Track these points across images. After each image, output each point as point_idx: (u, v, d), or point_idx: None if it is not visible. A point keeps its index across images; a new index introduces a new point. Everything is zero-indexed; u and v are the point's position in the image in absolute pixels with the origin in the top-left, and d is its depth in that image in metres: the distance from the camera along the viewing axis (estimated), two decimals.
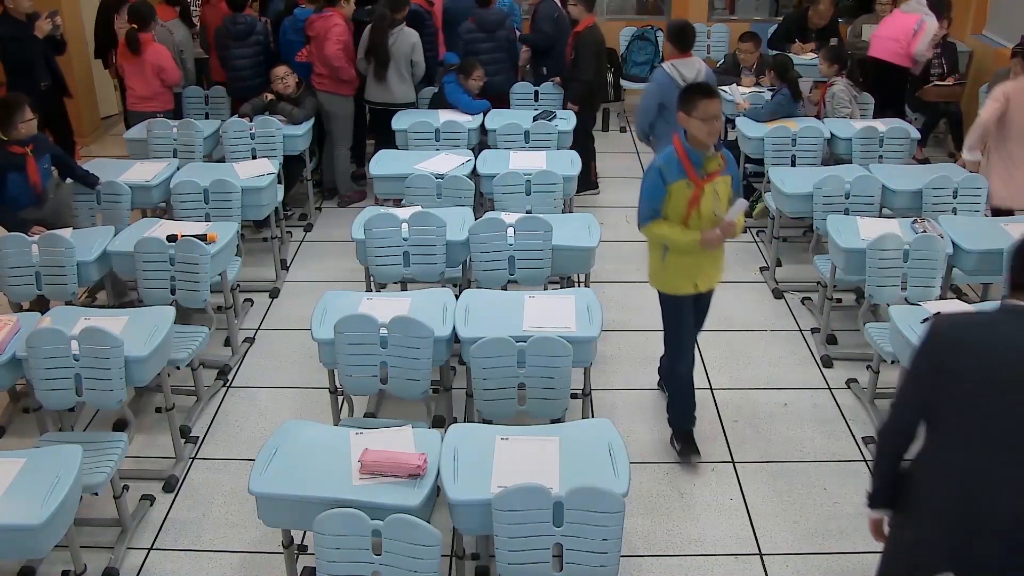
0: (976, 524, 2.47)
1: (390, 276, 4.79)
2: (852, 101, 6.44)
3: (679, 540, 3.76)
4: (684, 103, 3.79)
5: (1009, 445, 2.43)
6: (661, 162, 3.84)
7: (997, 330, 2.48)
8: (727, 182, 3.90)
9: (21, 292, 4.63)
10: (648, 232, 3.93)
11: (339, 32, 6.37)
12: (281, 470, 3.12)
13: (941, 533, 2.54)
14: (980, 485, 2.46)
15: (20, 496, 3.05)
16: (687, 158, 3.79)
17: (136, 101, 6.45)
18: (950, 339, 2.51)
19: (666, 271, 4.01)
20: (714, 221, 3.82)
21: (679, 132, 3.86)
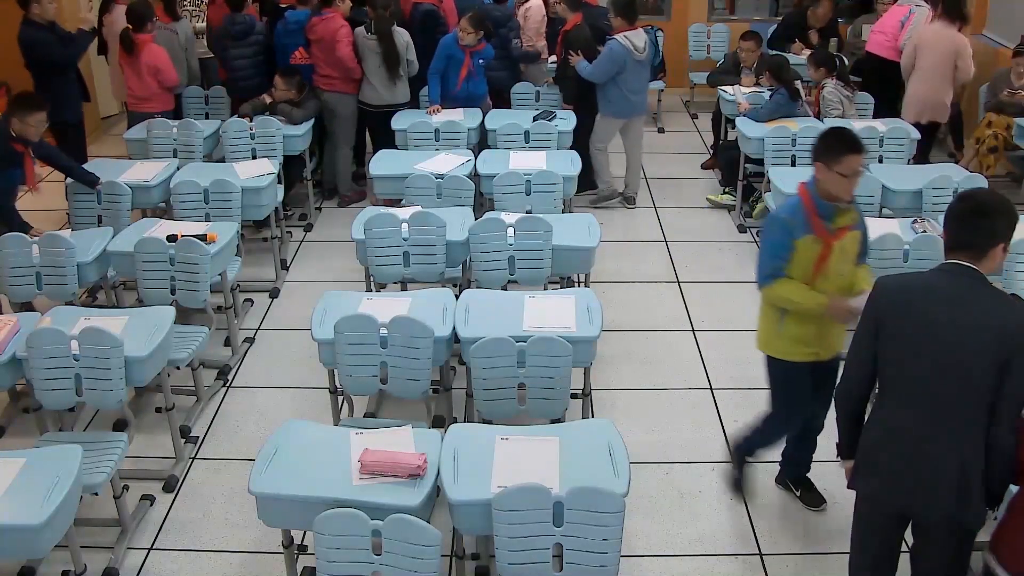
0: (923, 476, 2.68)
1: (390, 276, 4.79)
2: (842, 102, 6.44)
3: (679, 540, 3.76)
4: (826, 154, 3.28)
5: (948, 399, 2.62)
6: (786, 214, 3.40)
7: (935, 289, 2.66)
8: (856, 238, 3.45)
9: (21, 292, 4.63)
10: (770, 294, 3.47)
11: (346, 33, 6.38)
12: (281, 470, 3.12)
13: (892, 486, 2.76)
14: (924, 439, 2.67)
15: (20, 496, 3.05)
16: (816, 211, 3.33)
17: (135, 102, 6.46)
18: (891, 299, 2.73)
19: (782, 337, 3.54)
20: (841, 283, 3.40)
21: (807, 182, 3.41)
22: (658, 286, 5.77)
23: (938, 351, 2.61)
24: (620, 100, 6.43)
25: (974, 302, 2.60)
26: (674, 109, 9.02)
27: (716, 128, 7.59)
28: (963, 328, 2.58)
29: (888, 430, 2.75)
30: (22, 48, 6.02)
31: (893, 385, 2.75)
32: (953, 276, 2.65)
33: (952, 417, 2.64)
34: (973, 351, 2.57)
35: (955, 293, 2.62)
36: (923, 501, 2.72)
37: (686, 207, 6.88)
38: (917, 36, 6.58)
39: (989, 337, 2.55)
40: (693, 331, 5.26)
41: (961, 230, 2.66)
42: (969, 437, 2.63)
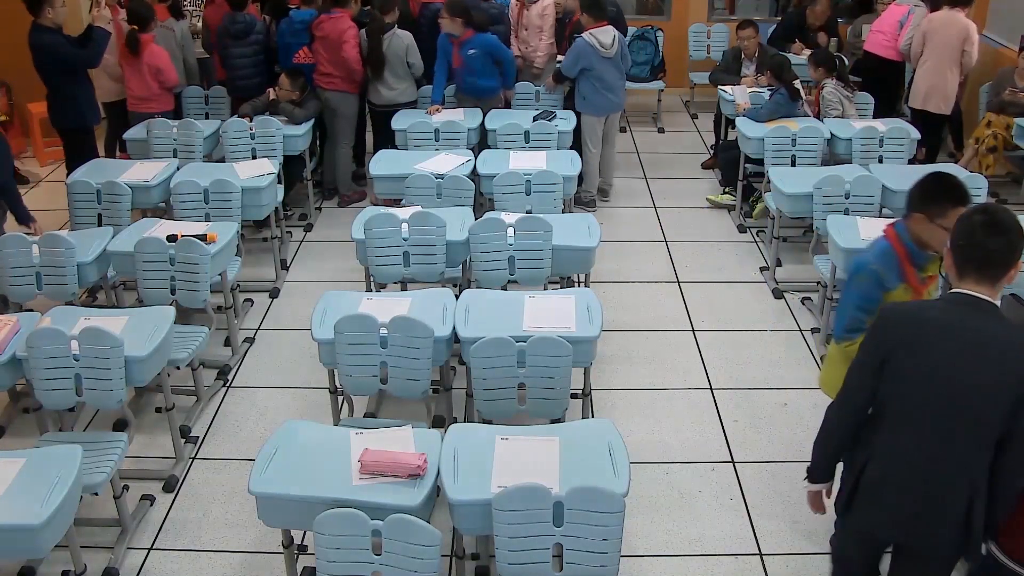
0: (931, 511, 2.58)
1: (390, 276, 4.79)
2: (842, 102, 6.45)
3: (679, 540, 3.76)
4: (929, 205, 3.04)
5: (958, 436, 2.51)
6: (878, 263, 3.14)
7: (946, 325, 2.51)
8: (938, 285, 3.31)
9: (21, 292, 4.63)
10: (850, 350, 3.04)
11: (354, 34, 6.39)
12: (281, 470, 3.12)
13: (897, 520, 2.65)
14: (933, 475, 2.56)
15: (20, 496, 3.05)
16: (909, 260, 3.14)
17: (135, 102, 6.46)
18: (899, 333, 2.57)
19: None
20: None
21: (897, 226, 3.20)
22: (658, 286, 5.77)
23: (949, 390, 2.48)
24: (594, 96, 6.51)
25: (986, 337, 2.46)
26: (674, 109, 9.03)
27: (716, 128, 7.60)
28: (976, 367, 2.44)
29: (894, 465, 2.61)
30: (35, 52, 5.97)
31: (898, 419, 2.60)
32: (966, 309, 2.49)
33: (960, 453, 2.52)
34: (986, 390, 2.44)
35: (968, 328, 2.48)
36: (927, 535, 2.61)
37: (686, 207, 6.88)
38: (924, 24, 6.73)
39: (1004, 375, 2.42)
40: (693, 331, 5.26)
41: (984, 251, 2.47)
42: (977, 473, 2.53)
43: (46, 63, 6.00)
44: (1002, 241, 2.46)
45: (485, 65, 6.52)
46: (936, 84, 6.74)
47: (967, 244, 2.49)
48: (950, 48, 6.62)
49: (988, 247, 2.46)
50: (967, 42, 6.59)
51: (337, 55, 6.38)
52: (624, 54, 6.61)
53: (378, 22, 6.43)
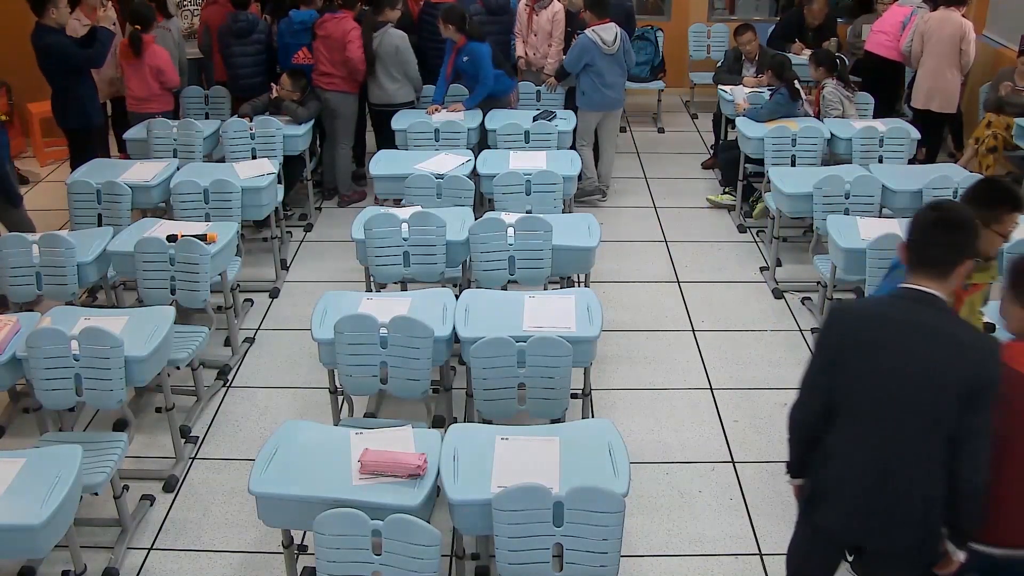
0: (886, 510, 2.56)
1: (390, 276, 4.79)
2: (842, 102, 6.45)
3: (679, 540, 3.76)
4: (982, 210, 2.93)
5: (909, 435, 2.49)
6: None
7: (895, 321, 2.51)
8: (983, 295, 3.25)
9: (21, 292, 4.63)
10: None
11: (357, 35, 6.39)
12: (281, 470, 3.12)
13: (854, 520, 2.62)
14: (887, 474, 2.54)
15: (20, 496, 3.05)
16: None
17: (134, 102, 6.46)
18: (847, 332, 2.58)
19: None
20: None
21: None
22: (658, 286, 5.77)
23: (898, 386, 2.48)
24: (593, 92, 6.53)
25: (936, 336, 2.46)
26: (674, 109, 9.03)
27: (716, 128, 7.60)
28: (924, 363, 2.44)
29: (849, 464, 2.61)
30: (39, 53, 5.97)
31: (852, 417, 2.60)
32: (915, 305, 2.50)
33: (913, 452, 2.50)
34: (934, 387, 2.43)
35: (915, 323, 2.48)
36: (885, 535, 2.60)
37: (686, 207, 6.88)
38: (922, 25, 6.78)
39: (951, 373, 2.42)
40: (693, 331, 5.26)
41: (930, 246, 2.50)
42: (931, 472, 2.50)
43: (50, 63, 6.00)
44: (949, 239, 2.48)
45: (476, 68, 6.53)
46: (937, 84, 6.77)
47: (917, 241, 2.52)
48: (948, 48, 6.65)
49: (936, 244, 2.49)
50: (964, 41, 6.62)
51: (340, 55, 6.39)
52: (627, 51, 6.62)
53: (370, 19, 6.46)
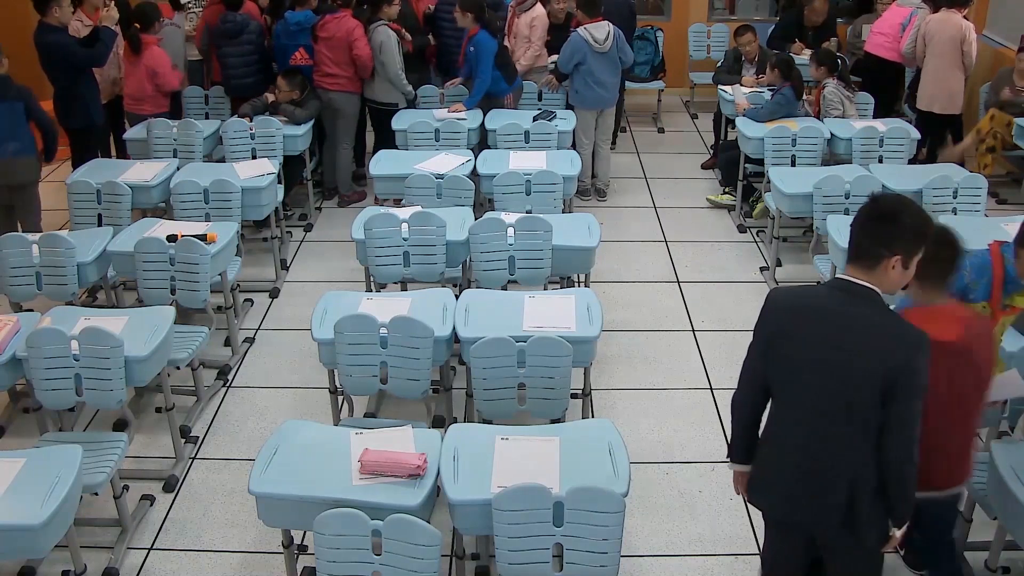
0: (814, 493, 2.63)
1: (390, 276, 4.79)
2: (843, 102, 6.45)
3: (679, 540, 3.76)
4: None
5: (836, 420, 2.54)
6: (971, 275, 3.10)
7: (824, 309, 2.56)
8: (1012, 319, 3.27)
9: (21, 292, 4.63)
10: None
11: (361, 32, 6.41)
12: (281, 470, 3.12)
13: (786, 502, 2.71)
14: (814, 457, 2.60)
15: (20, 496, 3.05)
16: (1002, 284, 3.12)
17: (131, 102, 6.46)
18: (780, 317, 2.65)
19: None
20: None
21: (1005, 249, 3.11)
22: (658, 286, 5.77)
23: (824, 373, 2.53)
24: (586, 90, 6.56)
25: (861, 324, 2.49)
26: (674, 109, 9.03)
27: (716, 128, 7.59)
28: (848, 351, 2.48)
29: (780, 447, 2.69)
30: (42, 51, 5.98)
31: (782, 402, 2.68)
32: (843, 294, 2.54)
33: (840, 436, 2.56)
34: (858, 374, 2.47)
35: (843, 313, 2.51)
36: (815, 517, 2.67)
37: (686, 207, 6.88)
38: (923, 27, 6.79)
39: (874, 361, 2.45)
40: (693, 331, 5.27)
41: (859, 235, 2.54)
42: (858, 456, 2.55)
43: (53, 62, 6.01)
44: (878, 230, 2.49)
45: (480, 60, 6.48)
46: (940, 86, 6.77)
47: (852, 230, 2.55)
48: (950, 49, 6.66)
49: (865, 234, 2.51)
50: (965, 42, 6.62)
51: (346, 55, 6.41)
52: (622, 48, 6.60)
53: (363, 16, 6.49)
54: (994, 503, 3.18)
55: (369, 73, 6.52)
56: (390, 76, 6.52)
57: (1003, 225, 4.85)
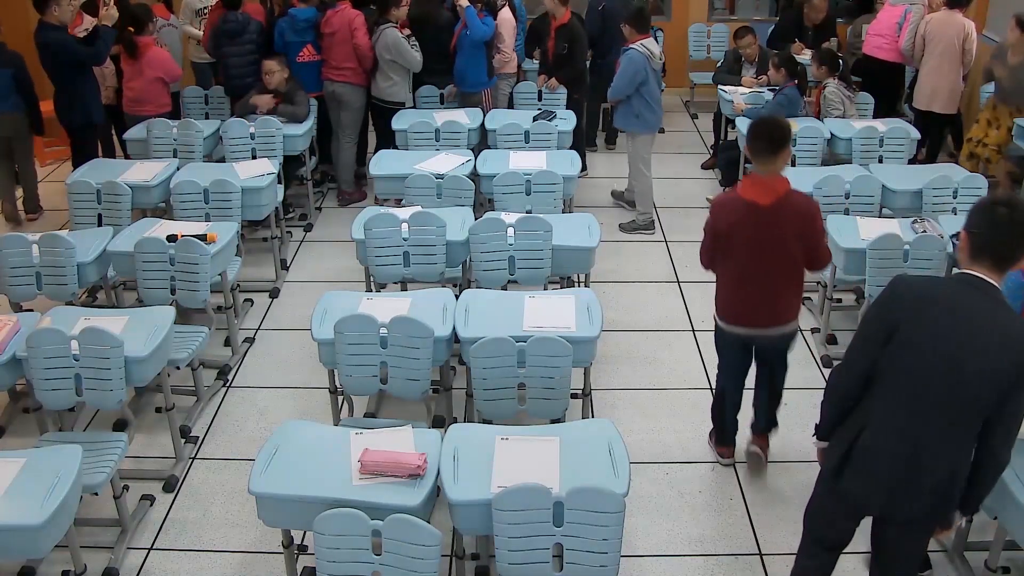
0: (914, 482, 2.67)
1: (390, 276, 4.79)
2: (843, 103, 6.46)
3: (679, 540, 3.76)
4: None
5: (951, 413, 2.59)
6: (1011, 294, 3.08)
7: (954, 302, 2.59)
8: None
9: (21, 292, 4.63)
10: None
11: (362, 22, 6.46)
12: (281, 470, 3.12)
13: (881, 488, 2.73)
14: (923, 448, 2.64)
15: (20, 496, 3.05)
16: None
17: (132, 104, 6.44)
18: (911, 305, 2.64)
19: None
20: None
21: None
22: (658, 286, 5.77)
23: (948, 366, 2.56)
24: (649, 113, 6.20)
25: (990, 321, 2.54)
26: (674, 109, 9.02)
27: (716, 128, 7.60)
28: (976, 350, 2.52)
29: (886, 434, 2.70)
30: (42, 50, 6.00)
31: (895, 389, 2.68)
32: (975, 292, 2.57)
33: (950, 429, 2.62)
34: (983, 374, 2.52)
35: (973, 311, 2.55)
36: (908, 504, 2.72)
37: (686, 207, 6.88)
38: (923, 27, 6.86)
39: (1001, 359, 2.50)
40: (693, 331, 5.27)
41: (1001, 239, 2.55)
42: (964, 449, 2.64)
43: (53, 61, 6.02)
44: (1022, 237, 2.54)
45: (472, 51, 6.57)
46: (940, 85, 6.80)
47: (991, 235, 2.56)
48: (951, 48, 6.69)
49: (1010, 242, 2.54)
50: (967, 40, 6.66)
51: (349, 47, 6.44)
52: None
53: (372, 16, 6.53)
54: (994, 503, 3.19)
55: (370, 63, 6.55)
56: (414, 70, 6.59)
57: None
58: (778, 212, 3.57)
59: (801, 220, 3.60)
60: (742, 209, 3.62)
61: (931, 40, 6.77)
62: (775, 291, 3.72)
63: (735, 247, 3.68)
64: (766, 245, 3.62)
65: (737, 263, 3.71)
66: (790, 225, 3.59)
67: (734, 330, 3.85)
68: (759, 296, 3.72)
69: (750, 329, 3.82)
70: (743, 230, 3.63)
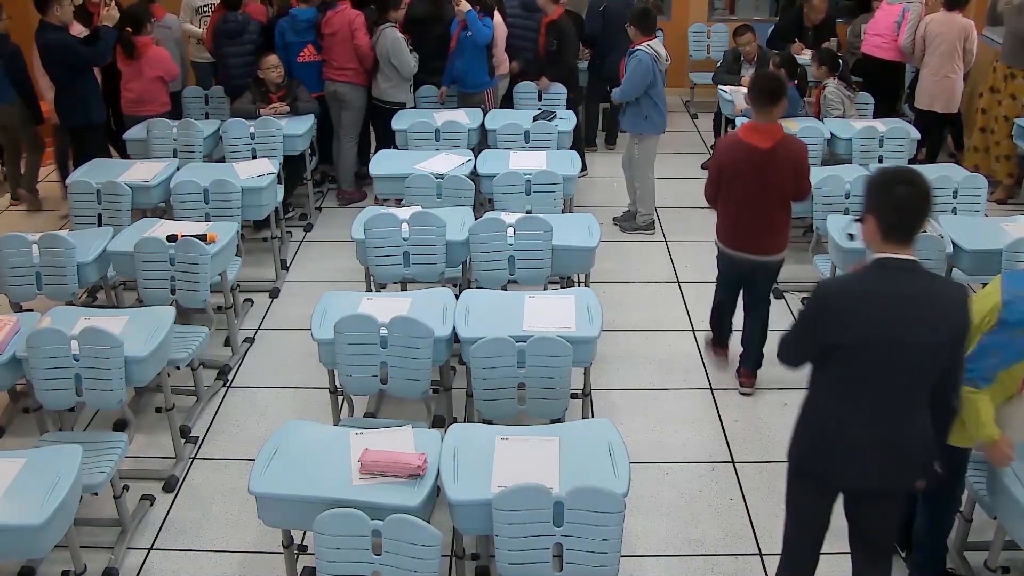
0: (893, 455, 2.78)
1: (390, 276, 4.79)
2: (843, 103, 6.46)
3: (679, 540, 3.76)
4: None
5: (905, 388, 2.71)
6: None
7: (876, 290, 2.68)
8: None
9: (21, 292, 4.63)
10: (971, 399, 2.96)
11: (362, 21, 6.47)
12: (281, 470, 3.12)
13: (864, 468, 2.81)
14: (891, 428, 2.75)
15: (20, 496, 3.05)
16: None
17: (131, 105, 6.44)
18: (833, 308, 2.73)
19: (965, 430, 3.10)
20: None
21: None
22: (658, 286, 5.77)
23: (896, 352, 2.65)
24: (657, 114, 6.18)
25: (923, 298, 2.64)
26: (674, 109, 8.99)
27: (716, 128, 7.59)
28: (915, 325, 2.62)
29: (858, 424, 2.77)
30: (43, 51, 6.01)
31: (854, 386, 2.76)
32: (896, 273, 2.66)
33: (911, 402, 2.73)
34: (926, 345, 2.64)
35: (904, 292, 2.64)
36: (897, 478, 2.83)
37: (686, 207, 6.88)
38: (923, 28, 6.88)
39: (937, 332, 2.63)
40: (693, 331, 5.27)
41: (908, 217, 2.64)
42: (925, 417, 2.77)
43: (54, 61, 6.03)
44: (926, 208, 2.65)
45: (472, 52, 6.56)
46: (941, 85, 6.82)
47: (898, 216, 2.64)
48: (951, 48, 6.71)
49: (918, 217, 2.64)
50: (968, 40, 6.69)
51: (349, 47, 6.45)
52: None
53: (372, 17, 6.53)
54: (994, 503, 3.20)
55: (370, 63, 6.55)
56: (405, 77, 6.59)
57: (1003, 225, 4.85)
58: (776, 153, 4.23)
59: (795, 158, 4.30)
60: (745, 151, 4.25)
61: (932, 40, 6.78)
62: (769, 221, 4.36)
63: (738, 183, 4.30)
64: (765, 181, 4.26)
65: (739, 197, 4.32)
66: (786, 164, 4.26)
67: (735, 254, 4.47)
68: (757, 225, 4.36)
69: (748, 255, 4.43)
70: (746, 169, 4.26)
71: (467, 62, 6.61)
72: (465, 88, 6.74)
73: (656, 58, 6.04)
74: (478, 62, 6.62)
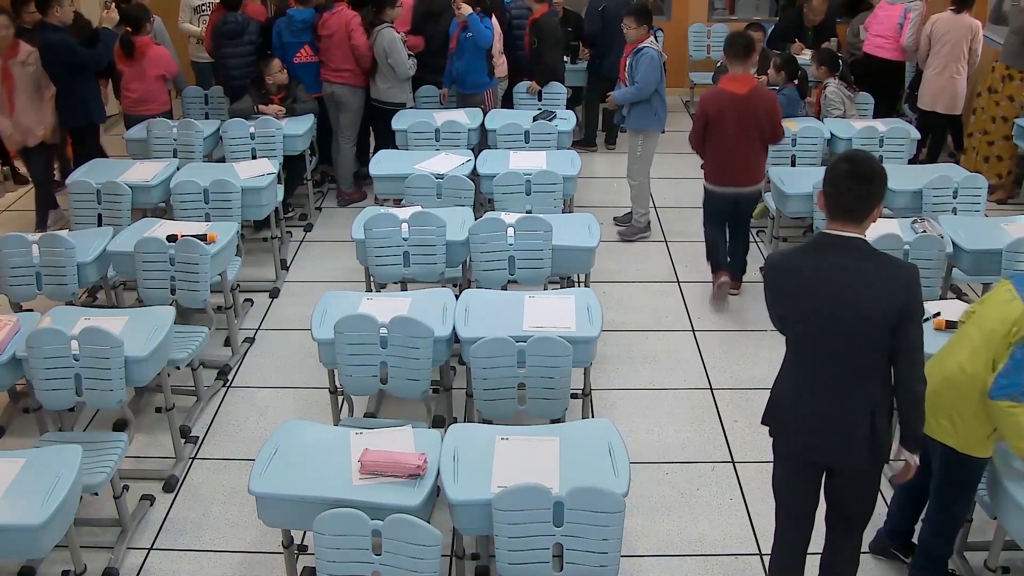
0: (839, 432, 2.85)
1: (390, 276, 4.79)
2: (844, 103, 6.46)
3: (679, 540, 3.76)
4: None
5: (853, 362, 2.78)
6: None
7: (814, 264, 2.79)
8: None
9: (21, 292, 4.63)
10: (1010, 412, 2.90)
11: (359, 22, 6.46)
12: (281, 470, 3.12)
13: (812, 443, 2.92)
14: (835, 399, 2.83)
15: (20, 496, 3.05)
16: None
17: (132, 104, 6.44)
18: (778, 282, 2.91)
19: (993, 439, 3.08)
20: None
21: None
22: (658, 286, 5.77)
23: (833, 323, 2.74)
24: (663, 111, 6.17)
25: (857, 273, 2.72)
26: (674, 109, 8.99)
27: None
28: (851, 300, 2.71)
29: (805, 395, 2.89)
30: (43, 51, 6.01)
31: (802, 355, 2.90)
32: (834, 248, 2.76)
33: (856, 377, 2.79)
34: (864, 319, 2.71)
35: (839, 266, 2.73)
36: (841, 452, 2.88)
37: (686, 207, 6.87)
38: (928, 28, 6.89)
39: (880, 305, 2.69)
40: (693, 331, 5.27)
41: (844, 194, 2.73)
42: (874, 387, 2.80)
43: (54, 61, 6.02)
44: (865, 189, 2.73)
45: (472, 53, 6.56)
46: (944, 85, 6.83)
47: (835, 191, 2.76)
48: (956, 49, 6.73)
49: (853, 194, 2.73)
50: (974, 40, 6.71)
51: (346, 48, 6.44)
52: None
53: (368, 17, 6.52)
54: (994, 503, 3.21)
55: (368, 63, 6.55)
56: (401, 78, 6.57)
57: (1003, 225, 4.85)
58: (751, 99, 5.02)
59: (767, 104, 5.09)
60: (727, 97, 5.03)
61: (937, 41, 6.79)
62: (749, 157, 5.13)
63: (721, 127, 5.04)
64: (745, 123, 5.02)
65: (723, 139, 5.06)
66: (760, 108, 5.04)
67: (722, 190, 5.22)
68: (740, 160, 5.11)
69: (734, 188, 5.19)
70: (729, 113, 5.02)
71: (467, 63, 6.61)
72: (465, 89, 6.75)
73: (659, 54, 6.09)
74: (478, 63, 6.62)
